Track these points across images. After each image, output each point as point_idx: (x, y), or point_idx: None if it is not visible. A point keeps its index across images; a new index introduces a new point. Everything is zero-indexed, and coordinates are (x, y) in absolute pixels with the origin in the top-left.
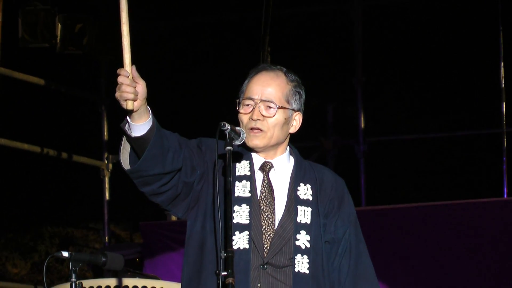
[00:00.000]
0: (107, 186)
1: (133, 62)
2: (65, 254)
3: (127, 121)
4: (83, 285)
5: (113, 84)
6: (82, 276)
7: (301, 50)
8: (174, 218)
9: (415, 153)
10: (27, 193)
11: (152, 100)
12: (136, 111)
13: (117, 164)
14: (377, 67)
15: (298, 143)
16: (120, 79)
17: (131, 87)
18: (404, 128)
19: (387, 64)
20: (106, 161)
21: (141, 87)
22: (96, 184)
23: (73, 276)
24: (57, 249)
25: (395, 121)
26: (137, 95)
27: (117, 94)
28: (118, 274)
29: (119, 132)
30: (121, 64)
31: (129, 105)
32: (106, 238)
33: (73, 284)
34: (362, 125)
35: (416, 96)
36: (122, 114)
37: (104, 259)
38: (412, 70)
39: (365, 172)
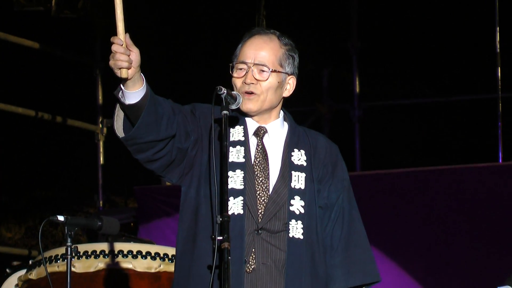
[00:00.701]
0: (101, 150)
1: (127, 29)
2: (61, 218)
3: (121, 89)
4: (78, 250)
5: (108, 48)
6: (76, 240)
7: (297, 13)
8: (168, 183)
9: (410, 118)
10: (21, 157)
11: (145, 66)
12: (130, 79)
13: (112, 129)
14: (373, 32)
15: (293, 107)
16: (114, 48)
17: (125, 55)
18: (400, 93)
19: (383, 29)
20: (100, 125)
21: (135, 55)
22: (91, 148)
23: (69, 240)
24: (51, 213)
25: (390, 86)
26: (131, 63)
27: (111, 63)
28: (113, 239)
29: (113, 97)
30: (115, 29)
31: (123, 73)
32: (101, 202)
33: (69, 249)
34: (357, 90)
35: (411, 61)
36: (117, 79)
37: (99, 223)
38: (408, 35)
39: (360, 137)
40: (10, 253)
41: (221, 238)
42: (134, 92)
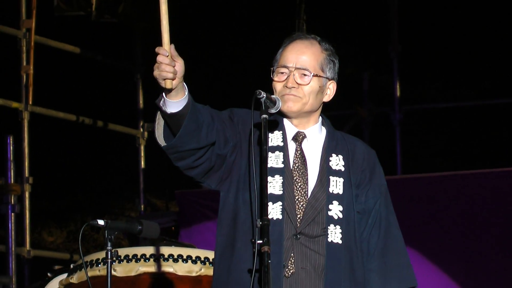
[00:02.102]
0: (142, 154)
1: (171, 40)
2: (101, 222)
3: (163, 98)
4: (119, 254)
5: (149, 52)
6: (118, 244)
7: (337, 17)
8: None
9: (450, 121)
10: (63, 161)
11: (186, 73)
12: (174, 89)
13: (153, 133)
14: (413, 35)
15: (334, 111)
16: (159, 59)
17: (170, 67)
18: (440, 97)
19: (423, 32)
20: (141, 130)
21: (180, 66)
22: (132, 152)
23: (109, 244)
24: (93, 217)
25: (431, 89)
26: (175, 74)
27: (156, 73)
28: (154, 243)
29: (154, 101)
30: (156, 32)
31: (167, 84)
32: (142, 206)
33: (109, 253)
34: (398, 94)
35: (452, 64)
36: (157, 84)
37: (140, 227)
38: (448, 38)
39: (400, 140)
40: (52, 257)
41: (261, 241)
42: (176, 102)
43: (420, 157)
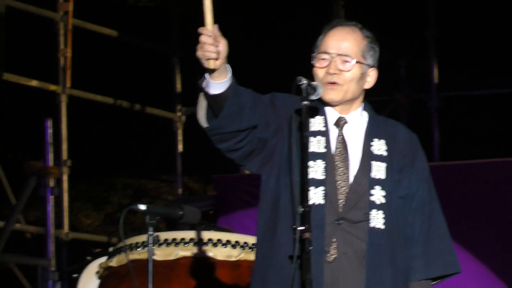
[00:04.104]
0: (180, 138)
1: (214, 20)
2: (142, 207)
3: (206, 79)
4: (159, 238)
5: (186, 36)
6: (155, 228)
7: (374, 2)
8: (247, 171)
9: (488, 108)
10: (100, 144)
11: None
12: (217, 69)
13: (190, 117)
14: (450, 21)
15: (371, 97)
16: (202, 39)
17: (213, 47)
18: (478, 83)
19: (461, 18)
20: (179, 113)
21: (223, 46)
22: (169, 136)
23: (150, 229)
24: (130, 200)
25: (468, 75)
26: (219, 54)
27: (199, 53)
28: (193, 227)
29: (192, 84)
30: (193, 16)
31: (211, 64)
32: (179, 190)
33: (150, 237)
34: (435, 80)
35: (490, 50)
36: (195, 68)
37: (181, 212)
38: (486, 23)
39: (438, 127)
40: (89, 239)
41: (302, 228)
42: (219, 83)
43: (457, 144)
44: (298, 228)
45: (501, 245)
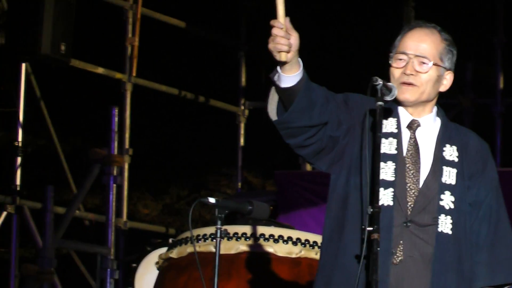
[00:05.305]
0: (242, 132)
1: (286, 14)
2: (212, 200)
3: (278, 72)
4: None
5: (254, 30)
6: (213, 220)
7: (444, 5)
8: (309, 168)
9: None
10: (162, 134)
11: (301, 55)
12: (288, 62)
13: (253, 111)
14: None
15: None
16: (274, 31)
17: (285, 39)
18: None
19: None
20: (242, 107)
21: (295, 39)
22: (231, 129)
23: (219, 222)
24: (188, 192)
25: None
26: (290, 47)
27: (271, 46)
28: (254, 222)
29: (256, 79)
30: (262, 10)
31: (282, 57)
32: (239, 184)
33: (218, 231)
34: (501, 85)
35: None
36: (260, 62)
37: (250, 207)
38: None
39: (501, 132)
40: (147, 229)
41: (371, 228)
42: (290, 76)
43: None
44: (367, 229)
45: None
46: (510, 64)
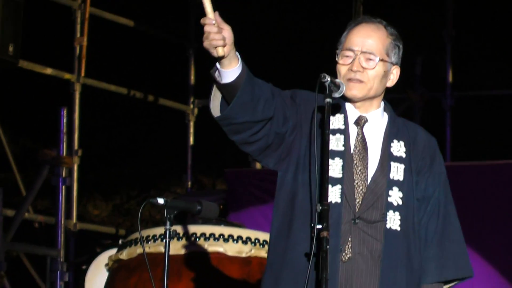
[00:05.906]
0: (191, 130)
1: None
2: (161, 201)
3: (217, 68)
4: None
5: (202, 28)
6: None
7: (392, 0)
8: (259, 166)
9: (503, 108)
10: (111, 134)
11: (248, 55)
12: (226, 57)
13: (203, 109)
14: (468, 21)
15: (386, 94)
16: (206, 28)
17: (218, 34)
18: (493, 83)
19: (478, 18)
20: (191, 106)
21: (228, 31)
22: (181, 128)
23: (168, 223)
24: (138, 192)
25: (483, 76)
26: (225, 41)
27: (206, 43)
28: (204, 221)
29: (205, 77)
30: (214, 9)
31: (219, 52)
32: (189, 183)
33: (168, 231)
34: (450, 79)
35: (506, 51)
36: (209, 60)
37: (199, 207)
38: (504, 24)
39: (451, 126)
40: (97, 230)
41: (320, 226)
42: (230, 71)
43: (470, 144)
44: (317, 226)
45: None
46: (460, 57)
